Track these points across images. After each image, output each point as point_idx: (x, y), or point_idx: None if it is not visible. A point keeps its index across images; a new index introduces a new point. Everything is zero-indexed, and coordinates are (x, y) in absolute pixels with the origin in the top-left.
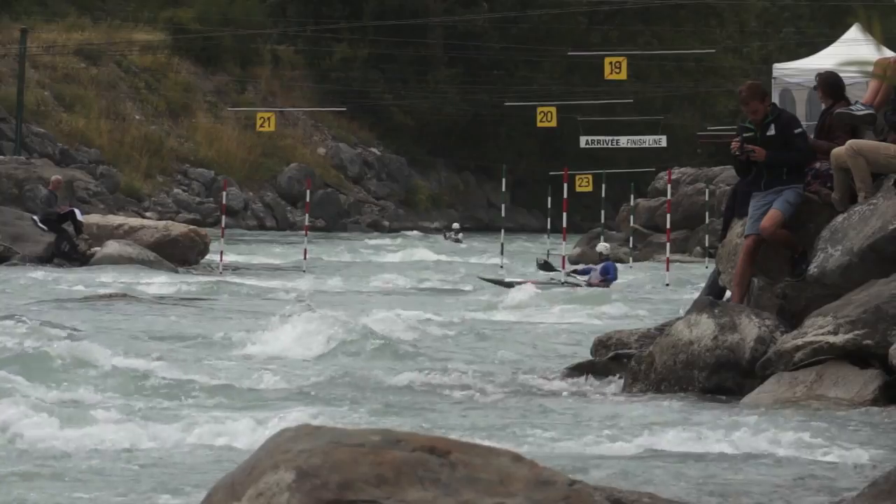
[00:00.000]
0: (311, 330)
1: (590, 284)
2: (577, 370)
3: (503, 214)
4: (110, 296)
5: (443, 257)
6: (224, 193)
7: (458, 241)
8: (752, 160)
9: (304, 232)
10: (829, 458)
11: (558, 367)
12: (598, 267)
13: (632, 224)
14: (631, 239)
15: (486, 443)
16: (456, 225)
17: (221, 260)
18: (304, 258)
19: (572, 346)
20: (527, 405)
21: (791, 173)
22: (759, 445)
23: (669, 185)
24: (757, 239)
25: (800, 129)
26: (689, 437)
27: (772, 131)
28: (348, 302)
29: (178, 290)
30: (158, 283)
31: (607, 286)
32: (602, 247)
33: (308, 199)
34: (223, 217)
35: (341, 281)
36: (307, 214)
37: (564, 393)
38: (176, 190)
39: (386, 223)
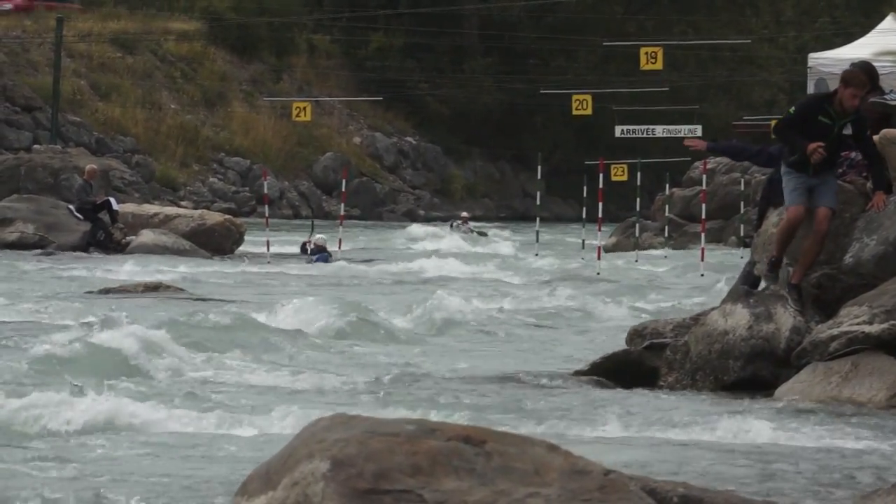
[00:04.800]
0: (341, 320)
1: None
2: (612, 360)
3: (538, 203)
4: (146, 285)
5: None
6: (265, 182)
7: (468, 231)
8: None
9: (339, 221)
10: (863, 449)
11: (592, 357)
12: (315, 258)
13: (667, 213)
14: (666, 228)
15: (521, 432)
16: (465, 213)
17: (268, 249)
18: (339, 248)
19: (607, 335)
20: (560, 394)
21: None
22: (793, 436)
23: (704, 175)
24: (802, 210)
25: (869, 132)
26: (724, 428)
27: (848, 130)
28: (378, 291)
29: (214, 279)
30: (195, 272)
31: None
32: (319, 238)
33: (344, 189)
34: (266, 207)
35: (371, 269)
36: (343, 204)
37: (598, 382)
38: (211, 179)
39: (421, 212)
